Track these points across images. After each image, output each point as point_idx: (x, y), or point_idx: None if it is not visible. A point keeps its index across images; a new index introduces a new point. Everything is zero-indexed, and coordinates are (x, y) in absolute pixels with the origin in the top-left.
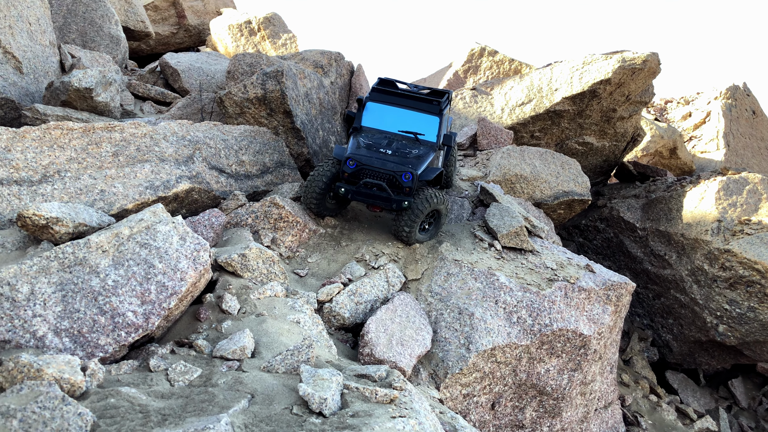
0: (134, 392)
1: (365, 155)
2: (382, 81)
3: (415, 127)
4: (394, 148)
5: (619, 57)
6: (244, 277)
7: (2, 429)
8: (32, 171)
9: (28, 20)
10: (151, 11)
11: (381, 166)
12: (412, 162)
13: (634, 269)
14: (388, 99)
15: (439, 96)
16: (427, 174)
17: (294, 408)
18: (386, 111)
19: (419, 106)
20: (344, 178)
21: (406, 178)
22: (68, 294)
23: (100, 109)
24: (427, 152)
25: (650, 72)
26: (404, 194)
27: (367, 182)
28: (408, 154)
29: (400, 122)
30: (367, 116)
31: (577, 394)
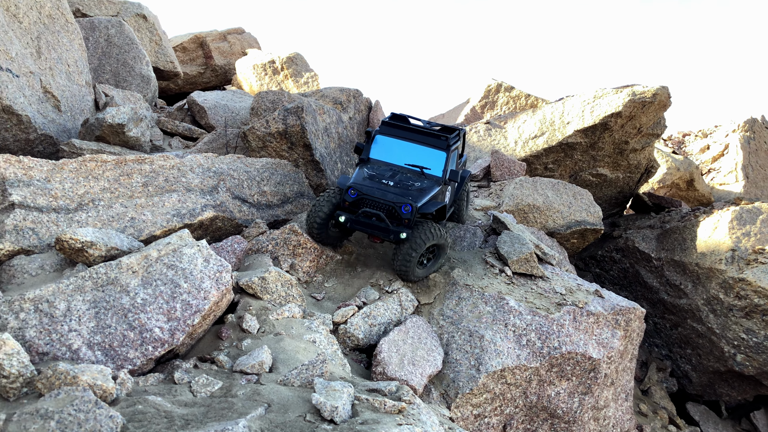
0: (160, 400)
1: (366, 185)
2: (394, 116)
3: (421, 161)
4: (396, 180)
5: (630, 90)
6: (264, 299)
7: (41, 429)
8: (69, 200)
9: (67, 62)
10: (179, 52)
11: (381, 197)
12: (413, 194)
13: (651, 299)
14: (396, 132)
15: (449, 132)
16: (428, 207)
17: (307, 416)
18: (394, 144)
19: (427, 140)
20: (345, 207)
21: (405, 210)
22: (101, 311)
23: (132, 144)
24: (431, 186)
25: (660, 105)
26: (403, 225)
27: (365, 212)
28: (410, 186)
29: (407, 156)
30: (375, 148)
31: (589, 418)
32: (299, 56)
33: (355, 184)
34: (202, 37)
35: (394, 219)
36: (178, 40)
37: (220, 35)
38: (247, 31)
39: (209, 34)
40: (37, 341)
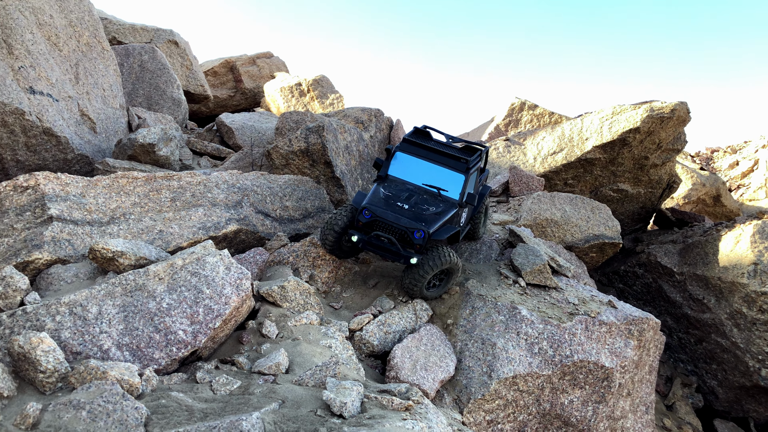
0: (182, 396)
1: (381, 207)
2: (417, 131)
3: (439, 183)
4: (412, 202)
5: (647, 106)
6: (283, 307)
7: (74, 418)
8: (102, 213)
9: (103, 87)
10: (210, 76)
11: (394, 221)
12: (427, 219)
13: (675, 314)
14: (416, 151)
15: (470, 153)
16: (441, 234)
17: (318, 411)
18: (413, 163)
19: (447, 162)
20: (358, 226)
21: (418, 236)
22: (129, 314)
23: (162, 162)
24: (446, 210)
25: (679, 120)
26: (414, 250)
27: (377, 235)
28: (425, 210)
29: (425, 176)
30: (394, 165)
31: (605, 428)
32: (325, 78)
33: (370, 205)
34: (232, 62)
35: (405, 243)
36: (209, 64)
37: (250, 59)
38: (275, 55)
39: (239, 58)
40: (71, 341)
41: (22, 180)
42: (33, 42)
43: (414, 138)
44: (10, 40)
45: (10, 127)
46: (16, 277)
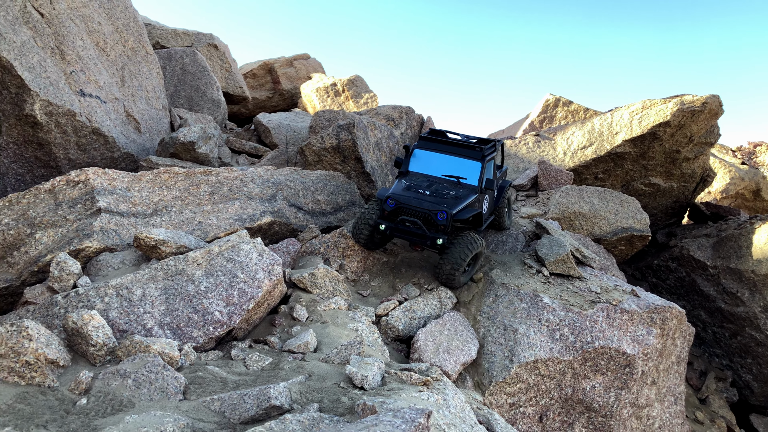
0: (217, 370)
1: (404, 195)
2: (433, 131)
3: (457, 172)
4: (433, 189)
5: (678, 100)
6: (313, 293)
7: (121, 385)
8: (146, 206)
9: (147, 89)
10: (250, 78)
11: (417, 205)
12: (449, 201)
13: (709, 308)
14: (433, 146)
15: (485, 143)
16: (463, 213)
17: (341, 383)
18: (431, 157)
19: (462, 152)
20: (384, 215)
21: (441, 217)
22: (170, 296)
23: (201, 160)
24: (467, 194)
25: (711, 113)
26: (439, 231)
27: (403, 219)
28: (446, 194)
29: (443, 167)
30: (413, 162)
31: (629, 415)
32: (359, 78)
33: (393, 194)
34: (270, 64)
35: (430, 226)
36: (248, 67)
37: (287, 61)
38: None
39: (277, 60)
40: (118, 321)
41: (74, 175)
42: (83, 48)
43: (431, 134)
44: (62, 46)
45: (63, 127)
46: (69, 262)
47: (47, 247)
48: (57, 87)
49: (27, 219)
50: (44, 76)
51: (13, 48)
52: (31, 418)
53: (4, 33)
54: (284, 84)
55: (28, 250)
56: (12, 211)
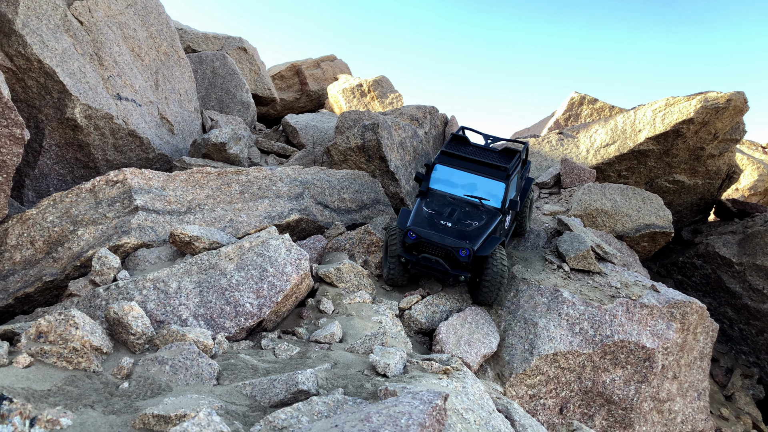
0: (248, 358)
1: (425, 228)
2: (455, 138)
3: (480, 193)
4: (455, 218)
5: (702, 97)
6: (339, 287)
7: (159, 371)
8: (180, 204)
9: (179, 92)
10: (278, 80)
11: (439, 241)
12: (471, 236)
13: (735, 305)
14: (455, 162)
15: (509, 158)
16: (486, 248)
17: (365, 371)
18: (453, 174)
19: (486, 171)
20: (405, 248)
21: (463, 253)
22: (204, 289)
23: (232, 160)
24: (489, 221)
25: (736, 110)
26: (461, 268)
27: (425, 257)
28: (468, 226)
29: (465, 187)
30: (435, 179)
31: (650, 408)
32: (384, 79)
33: (414, 227)
34: (297, 66)
35: (452, 261)
36: (276, 69)
37: (314, 63)
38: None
39: (304, 62)
40: (156, 312)
41: (113, 175)
42: (119, 53)
43: (452, 148)
44: (100, 53)
45: (101, 130)
46: (110, 257)
47: (89, 243)
48: (96, 91)
49: (70, 217)
50: (84, 81)
51: (55, 55)
52: (79, 398)
53: (47, 41)
54: (311, 85)
55: (71, 246)
56: (56, 209)
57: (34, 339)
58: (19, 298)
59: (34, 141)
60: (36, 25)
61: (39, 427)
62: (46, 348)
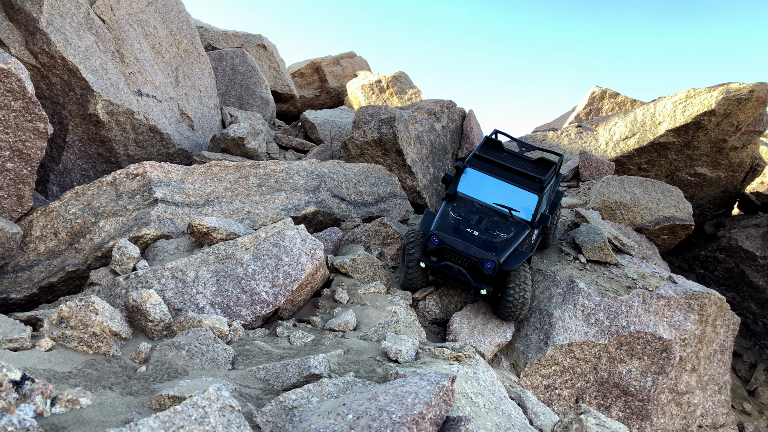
0: (263, 344)
1: (450, 235)
2: (488, 142)
3: (511, 203)
4: (482, 227)
5: (723, 88)
6: (354, 277)
7: (176, 355)
8: (198, 197)
9: (199, 89)
10: (298, 78)
11: (464, 250)
12: (498, 248)
13: (759, 299)
14: (488, 168)
15: (545, 170)
16: (512, 263)
17: (377, 357)
18: (484, 180)
19: (520, 181)
20: (426, 252)
21: (488, 266)
22: (221, 278)
23: (250, 154)
24: (518, 233)
25: (759, 101)
26: (484, 281)
27: (446, 265)
28: (495, 237)
29: (496, 194)
30: (464, 182)
31: (668, 401)
32: (403, 75)
33: (438, 232)
34: (317, 63)
35: (476, 273)
36: (296, 66)
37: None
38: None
39: (324, 59)
40: (174, 300)
41: (133, 168)
42: (140, 51)
43: (485, 152)
44: (122, 50)
45: (123, 125)
46: (129, 247)
47: (110, 234)
48: (117, 88)
49: (92, 209)
50: (106, 77)
51: (78, 52)
52: (98, 380)
53: (70, 39)
54: (331, 82)
55: (93, 237)
56: (78, 201)
57: (56, 324)
58: (43, 288)
59: (58, 137)
60: (60, 23)
61: (59, 406)
62: (67, 332)
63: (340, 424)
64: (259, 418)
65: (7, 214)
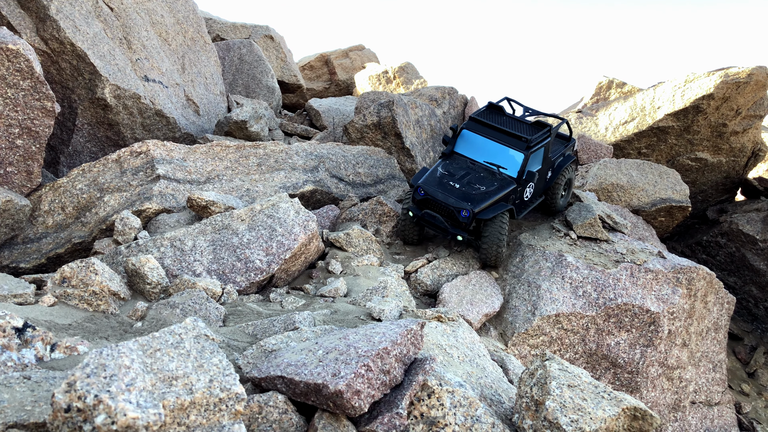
0: (255, 306)
1: (433, 186)
2: (490, 107)
3: (498, 161)
4: (465, 181)
5: (722, 72)
6: (348, 251)
7: (170, 314)
8: (200, 174)
9: (205, 75)
10: (308, 70)
11: (443, 200)
12: (474, 199)
13: (760, 283)
14: (481, 129)
15: (536, 131)
16: (488, 212)
17: (361, 316)
18: (477, 141)
19: (507, 140)
20: (414, 202)
21: (464, 214)
22: (217, 247)
23: (253, 138)
24: (501, 188)
25: (758, 85)
26: (460, 228)
27: (428, 213)
28: (475, 190)
29: (486, 153)
30: (460, 143)
31: (658, 374)
32: (410, 65)
33: (423, 184)
34: (326, 56)
35: (453, 221)
36: (305, 59)
37: (343, 53)
38: (367, 47)
39: (333, 52)
40: (172, 267)
41: (137, 146)
42: (147, 38)
43: (483, 116)
44: (129, 37)
45: (130, 109)
46: (131, 218)
47: (114, 208)
48: (124, 73)
49: (97, 184)
50: (113, 63)
51: (87, 39)
52: (96, 332)
53: (79, 26)
54: (340, 75)
55: (98, 212)
56: (85, 178)
57: (58, 283)
58: (50, 258)
59: (68, 120)
60: (69, 11)
61: (58, 352)
62: (68, 291)
63: (309, 358)
64: (241, 361)
65: (17, 188)
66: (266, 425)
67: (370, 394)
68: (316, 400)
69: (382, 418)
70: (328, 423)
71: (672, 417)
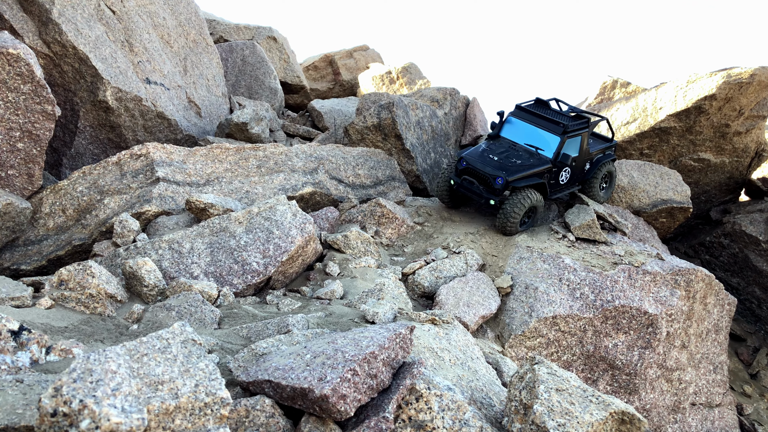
0: (251, 308)
1: (475, 158)
2: (538, 101)
3: (537, 143)
4: (503, 156)
5: (724, 73)
6: (346, 253)
7: (166, 316)
8: (199, 177)
9: (207, 78)
10: (312, 71)
11: (481, 168)
12: (510, 169)
13: (763, 284)
14: (524, 116)
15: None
16: (520, 182)
17: (355, 319)
18: (520, 126)
19: (546, 125)
20: (456, 173)
21: (499, 182)
22: (214, 249)
23: (254, 139)
24: (535, 165)
25: (761, 85)
26: (493, 194)
27: (465, 179)
28: (512, 162)
29: (528, 137)
30: (506, 128)
31: (657, 376)
32: (413, 65)
33: (466, 155)
34: (331, 56)
35: (488, 187)
36: (310, 60)
37: (347, 53)
38: (371, 48)
39: (337, 53)
40: (170, 269)
41: (137, 149)
42: (149, 41)
43: (529, 106)
44: (131, 39)
45: (131, 111)
46: (130, 221)
47: (114, 210)
48: (126, 76)
49: (97, 187)
50: (115, 66)
51: (89, 42)
52: (91, 335)
53: (81, 29)
54: (344, 75)
55: (98, 214)
56: (85, 180)
57: (56, 286)
58: (51, 260)
59: (70, 122)
60: (71, 14)
61: (54, 355)
62: (66, 294)
63: (297, 362)
64: (232, 364)
65: (18, 191)
66: (253, 429)
67: (356, 398)
68: (302, 404)
69: (369, 422)
70: (315, 427)
71: (672, 418)
